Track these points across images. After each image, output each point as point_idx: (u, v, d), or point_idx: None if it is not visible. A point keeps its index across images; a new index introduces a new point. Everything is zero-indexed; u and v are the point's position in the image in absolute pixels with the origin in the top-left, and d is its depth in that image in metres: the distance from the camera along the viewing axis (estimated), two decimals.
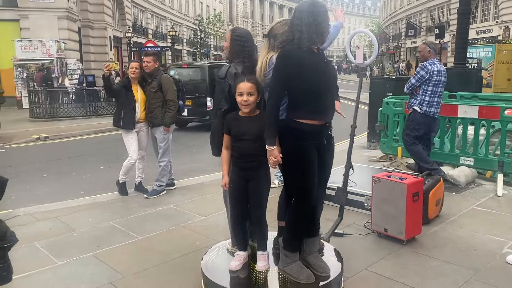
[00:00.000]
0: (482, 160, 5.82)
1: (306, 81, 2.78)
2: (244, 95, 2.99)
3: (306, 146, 2.86)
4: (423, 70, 5.51)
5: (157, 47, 22.82)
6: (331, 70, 2.97)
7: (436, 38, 27.24)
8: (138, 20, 36.14)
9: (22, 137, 11.34)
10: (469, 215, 4.77)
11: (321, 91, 2.84)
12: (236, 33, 3.38)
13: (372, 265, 3.59)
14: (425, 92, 5.52)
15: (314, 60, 2.83)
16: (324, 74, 2.86)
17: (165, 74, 5.64)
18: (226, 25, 55.20)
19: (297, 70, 2.77)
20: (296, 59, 2.79)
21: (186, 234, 4.38)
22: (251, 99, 3.01)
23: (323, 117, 2.88)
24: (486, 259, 3.68)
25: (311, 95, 2.80)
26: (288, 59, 2.81)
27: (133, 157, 5.59)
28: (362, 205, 4.79)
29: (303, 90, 2.80)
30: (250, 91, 3.00)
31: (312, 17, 2.80)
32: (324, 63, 2.90)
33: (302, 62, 2.78)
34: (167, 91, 5.48)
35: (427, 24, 41.19)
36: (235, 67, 3.26)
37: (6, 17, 19.86)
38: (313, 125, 2.84)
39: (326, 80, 2.87)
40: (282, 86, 2.83)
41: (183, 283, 3.38)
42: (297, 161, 2.89)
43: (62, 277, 3.51)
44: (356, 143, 9.09)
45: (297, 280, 2.94)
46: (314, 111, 2.83)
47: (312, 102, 2.81)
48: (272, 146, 2.83)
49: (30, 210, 5.21)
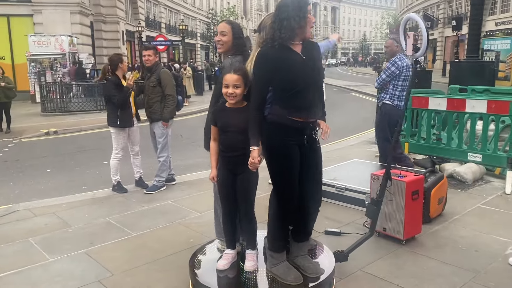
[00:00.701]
0: (490, 156, 5.61)
1: (283, 78, 2.72)
2: (230, 88, 2.92)
3: (286, 143, 2.78)
4: (393, 66, 5.57)
5: (168, 41, 22.78)
6: (311, 65, 2.80)
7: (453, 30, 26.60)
8: (151, 14, 36.22)
9: (32, 132, 11.46)
10: (474, 213, 4.60)
11: (300, 87, 2.73)
12: (237, 28, 3.33)
13: (367, 266, 3.47)
14: (396, 86, 5.61)
15: (289, 57, 2.74)
16: (300, 70, 2.74)
17: (164, 69, 5.57)
18: (240, 18, 55.03)
19: (272, 69, 2.73)
20: (270, 59, 2.75)
21: (181, 231, 4.32)
22: (237, 91, 2.92)
23: (304, 114, 2.77)
24: (488, 260, 3.53)
25: (290, 92, 2.72)
26: (262, 59, 2.78)
27: (120, 154, 5.58)
28: (363, 203, 4.65)
29: (282, 88, 2.74)
30: (236, 83, 2.91)
31: (286, 12, 2.71)
32: (302, 60, 2.76)
33: (275, 61, 2.73)
34: (166, 86, 5.41)
35: (444, 16, 40.39)
36: (232, 60, 3.18)
37: (21, 12, 20.09)
38: (295, 121, 2.75)
39: (304, 76, 2.74)
40: (262, 86, 2.79)
41: (172, 282, 3.31)
42: (276, 157, 2.83)
43: (52, 274, 3.47)
44: (364, 138, 8.98)
45: (284, 281, 2.86)
46: (294, 107, 2.74)
47: (292, 99, 2.73)
48: (253, 146, 2.78)
49: (30, 205, 5.21)
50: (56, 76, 17.65)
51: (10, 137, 11.02)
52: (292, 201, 2.85)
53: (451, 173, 5.67)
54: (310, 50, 2.84)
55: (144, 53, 5.60)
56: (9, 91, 11.70)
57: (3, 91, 11.45)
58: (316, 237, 3.86)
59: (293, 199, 2.85)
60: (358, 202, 4.71)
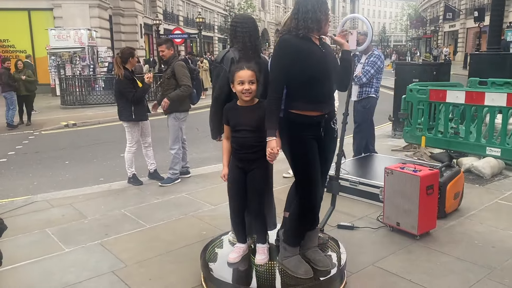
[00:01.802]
0: (509, 150, 5.48)
1: (302, 68, 2.70)
2: (246, 84, 2.88)
3: (305, 138, 2.77)
4: (379, 60, 5.86)
5: (185, 34, 22.85)
6: (329, 59, 2.81)
7: (476, 21, 26.03)
8: (169, 7, 36.33)
9: (51, 124, 11.68)
10: (491, 209, 4.50)
11: (317, 79, 2.72)
12: (232, 19, 3.36)
13: (380, 261, 3.43)
14: (378, 80, 5.98)
15: (310, 47, 2.73)
16: (320, 62, 2.73)
17: (178, 61, 5.56)
18: (258, 11, 54.74)
19: (293, 58, 2.70)
20: (292, 47, 2.72)
21: (194, 223, 4.35)
22: (253, 87, 2.90)
23: (320, 108, 2.76)
24: (504, 257, 3.45)
25: (307, 84, 2.71)
26: (284, 47, 2.75)
27: (134, 147, 5.63)
28: (376, 197, 4.62)
29: (300, 79, 2.72)
30: (251, 79, 2.89)
31: (310, 4, 2.71)
32: (322, 52, 2.76)
33: (297, 49, 2.70)
34: (180, 78, 5.43)
35: (466, 7, 39.42)
36: (234, 53, 3.16)
37: (41, 6, 20.37)
38: (311, 116, 2.76)
39: (322, 68, 2.74)
40: (281, 75, 2.75)
41: (184, 273, 3.34)
42: (297, 153, 2.81)
43: (66, 265, 3.54)
44: (381, 132, 8.86)
45: (295, 274, 2.86)
46: (311, 101, 2.74)
47: (308, 92, 2.73)
48: (271, 137, 2.74)
49: (47, 197, 5.32)
50: (76, 70, 17.90)
51: (31, 129, 11.25)
52: (316, 198, 2.86)
53: (469, 168, 5.57)
54: (325, 45, 2.87)
55: (159, 48, 5.68)
56: (30, 84, 11.91)
57: (24, 84, 11.67)
58: (329, 231, 3.86)
59: (317, 196, 2.86)
60: (372, 196, 4.67)
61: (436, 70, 7.86)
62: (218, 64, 3.18)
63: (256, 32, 3.21)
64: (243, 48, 3.13)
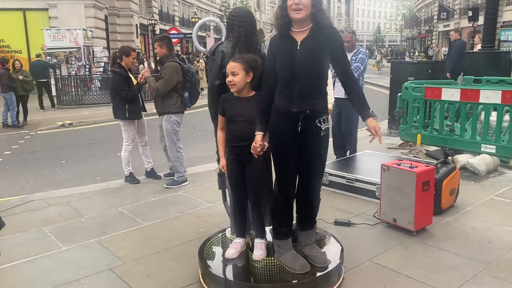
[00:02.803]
0: (504, 147, 5.52)
1: (277, 65, 2.80)
2: (229, 75, 2.94)
3: (281, 130, 2.82)
4: (366, 57, 5.92)
5: (180, 34, 22.83)
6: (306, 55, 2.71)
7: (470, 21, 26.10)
8: (165, 7, 36.29)
9: (47, 124, 11.65)
10: (487, 205, 4.54)
11: (286, 78, 2.76)
12: (230, 12, 3.37)
13: (377, 256, 3.46)
14: (363, 77, 6.00)
15: (283, 46, 2.78)
16: (291, 59, 2.73)
17: (170, 62, 5.32)
18: (253, 11, 54.74)
19: (273, 57, 2.83)
20: (271, 45, 2.86)
21: (191, 221, 4.36)
22: (235, 79, 2.93)
23: (290, 106, 2.77)
24: (500, 252, 3.49)
25: (281, 80, 2.80)
26: (269, 46, 2.90)
27: (131, 146, 5.60)
28: (373, 194, 4.64)
29: (280, 76, 2.81)
30: (233, 70, 2.92)
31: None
32: (296, 49, 2.72)
33: (274, 49, 2.83)
34: (160, 75, 5.29)
35: (460, 7, 39.58)
36: (226, 46, 3.18)
37: (36, 6, 20.30)
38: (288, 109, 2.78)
39: (291, 65, 2.73)
40: (268, 72, 2.87)
41: (182, 270, 3.35)
42: (273, 143, 2.88)
43: (64, 263, 3.54)
44: None
45: (292, 270, 2.88)
46: (284, 97, 2.80)
47: (282, 88, 2.80)
48: (258, 132, 2.83)
49: (44, 196, 5.31)
50: (71, 70, 17.85)
51: (27, 129, 11.22)
52: (286, 190, 2.92)
53: (464, 165, 5.60)
54: (317, 36, 2.72)
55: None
56: (27, 84, 11.92)
57: (21, 84, 11.67)
58: (326, 227, 3.87)
59: (288, 188, 2.92)
60: (368, 193, 4.69)
61: (431, 68, 7.91)
62: (210, 57, 3.19)
63: (253, 27, 3.19)
64: (237, 43, 3.13)
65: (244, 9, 3.49)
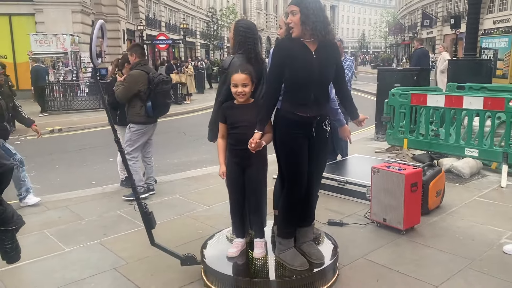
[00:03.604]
0: (487, 151, 5.80)
1: (289, 71, 2.89)
2: (239, 87, 3.09)
3: (294, 135, 2.96)
4: (353, 63, 6.13)
5: (169, 40, 22.96)
6: (319, 64, 2.92)
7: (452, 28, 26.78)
8: (151, 13, 36.33)
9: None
10: (471, 206, 4.78)
11: (301, 84, 2.90)
12: (239, 24, 3.44)
13: (369, 254, 3.65)
14: (351, 83, 6.05)
15: (301, 51, 2.91)
16: (305, 68, 2.89)
17: (135, 70, 5.20)
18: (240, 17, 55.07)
19: (285, 59, 2.90)
20: (282, 48, 2.97)
21: (190, 223, 4.50)
22: (246, 90, 3.10)
23: (305, 110, 2.93)
24: (483, 248, 3.72)
25: (293, 86, 2.92)
26: (279, 49, 2.98)
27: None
28: (363, 196, 4.84)
29: (290, 80, 2.92)
30: (244, 82, 3.09)
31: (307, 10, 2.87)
32: (312, 58, 2.91)
33: (289, 52, 2.91)
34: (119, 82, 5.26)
35: (443, 14, 40.51)
36: (239, 59, 3.34)
37: (22, 11, 20.17)
38: (300, 116, 2.93)
39: (307, 74, 2.89)
40: (276, 75, 2.96)
41: (184, 269, 3.47)
42: (285, 149, 3.01)
43: (68, 263, 3.65)
44: (364, 135, 9.15)
45: (291, 266, 3.05)
46: (296, 103, 2.93)
47: (294, 94, 2.93)
48: (258, 131, 2.94)
49: (42, 200, 5.38)
50: (58, 75, 17.81)
51: (16, 135, 11.16)
52: (301, 190, 3.04)
53: (449, 168, 5.86)
54: (326, 48, 2.96)
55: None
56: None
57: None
58: (319, 227, 4.03)
59: (302, 189, 3.04)
60: (358, 195, 4.90)
61: (417, 75, 8.20)
62: (225, 70, 3.33)
63: (259, 39, 3.42)
64: (254, 53, 3.32)
65: (251, 22, 3.60)
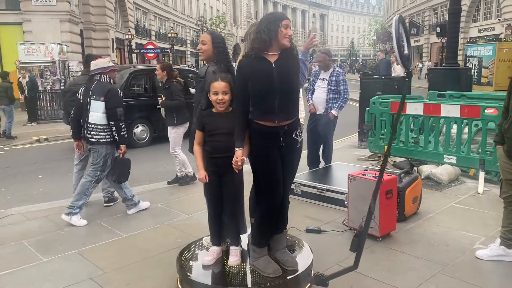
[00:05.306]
0: (464, 158, 5.91)
1: (252, 84, 2.98)
2: (220, 94, 3.14)
3: (266, 146, 3.02)
4: (344, 75, 6.23)
5: (157, 49, 23.02)
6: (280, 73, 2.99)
7: (438, 36, 27.22)
8: (141, 22, 36.43)
9: (22, 139, 11.59)
10: (447, 212, 4.87)
11: (265, 93, 2.98)
12: (218, 38, 3.57)
13: (344, 260, 3.69)
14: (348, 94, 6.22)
15: (258, 66, 3.00)
16: (266, 78, 2.97)
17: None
18: (230, 26, 55.37)
19: (246, 76, 3.01)
20: (243, 67, 3.06)
21: (169, 232, 4.52)
22: (226, 97, 3.16)
23: (272, 119, 2.99)
24: (456, 254, 3.79)
25: (258, 97, 2.99)
26: (240, 67, 3.10)
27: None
28: (342, 203, 4.90)
29: (253, 93, 3.00)
30: (224, 89, 3.15)
31: (260, 26, 3.00)
32: (271, 68, 2.99)
33: (247, 69, 3.02)
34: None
35: (429, 23, 41.15)
36: (214, 67, 3.42)
37: (10, 20, 20.17)
38: (267, 126, 3.00)
39: (269, 84, 2.97)
40: (241, 91, 3.04)
41: (161, 278, 3.51)
42: (259, 160, 3.06)
43: (45, 274, 3.65)
44: (347, 143, 9.25)
45: (264, 274, 3.09)
46: (263, 112, 3.00)
47: (260, 104, 3.00)
48: (238, 147, 3.00)
49: (22, 210, 5.37)
50: (46, 84, 17.75)
51: (1, 144, 11.12)
52: (279, 198, 3.11)
53: (428, 175, 5.95)
54: (287, 58, 3.05)
55: None
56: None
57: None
58: (297, 234, 4.09)
59: (280, 196, 3.11)
60: (338, 202, 4.96)
61: (398, 84, 8.33)
62: (202, 79, 3.41)
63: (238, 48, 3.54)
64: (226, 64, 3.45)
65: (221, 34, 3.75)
